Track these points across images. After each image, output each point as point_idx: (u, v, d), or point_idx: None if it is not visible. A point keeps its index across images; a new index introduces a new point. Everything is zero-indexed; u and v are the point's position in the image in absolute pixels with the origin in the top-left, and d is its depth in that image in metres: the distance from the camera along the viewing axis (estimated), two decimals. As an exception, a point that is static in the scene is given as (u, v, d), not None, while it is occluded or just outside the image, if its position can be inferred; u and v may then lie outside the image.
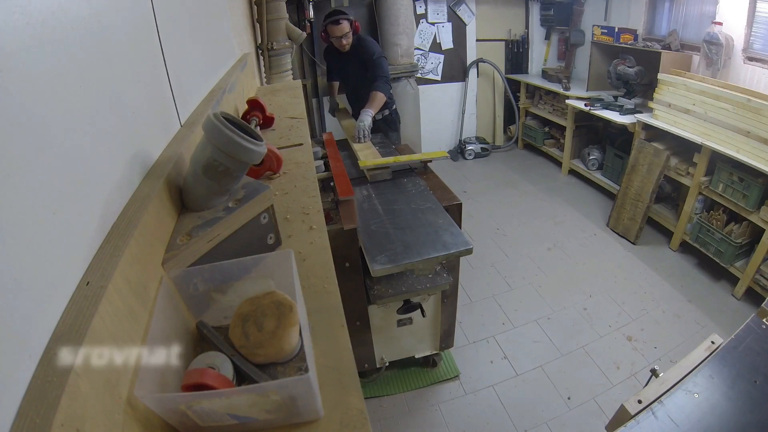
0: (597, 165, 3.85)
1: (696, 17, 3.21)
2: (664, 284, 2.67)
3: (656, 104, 2.99)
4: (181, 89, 0.99)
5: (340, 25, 2.51)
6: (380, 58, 2.64)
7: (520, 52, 4.64)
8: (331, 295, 0.73)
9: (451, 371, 2.13)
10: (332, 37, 2.56)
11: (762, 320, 1.13)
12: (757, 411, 0.92)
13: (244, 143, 0.70)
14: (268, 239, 0.83)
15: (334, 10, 2.59)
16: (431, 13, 4.21)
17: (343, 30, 2.52)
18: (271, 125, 1.45)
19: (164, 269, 0.65)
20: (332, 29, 2.53)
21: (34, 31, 0.47)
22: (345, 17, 2.52)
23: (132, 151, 0.71)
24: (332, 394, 0.56)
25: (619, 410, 1.02)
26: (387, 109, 2.87)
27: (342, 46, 2.60)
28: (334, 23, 2.52)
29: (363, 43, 2.66)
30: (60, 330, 0.44)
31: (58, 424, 0.36)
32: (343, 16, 2.52)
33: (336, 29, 2.52)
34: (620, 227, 3.19)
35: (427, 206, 1.70)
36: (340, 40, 2.55)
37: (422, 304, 1.76)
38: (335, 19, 2.52)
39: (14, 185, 0.42)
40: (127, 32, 0.75)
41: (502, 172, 4.36)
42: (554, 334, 2.33)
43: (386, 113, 2.88)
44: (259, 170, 1.07)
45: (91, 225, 0.55)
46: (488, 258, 2.98)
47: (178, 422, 0.51)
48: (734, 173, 2.45)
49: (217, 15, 1.54)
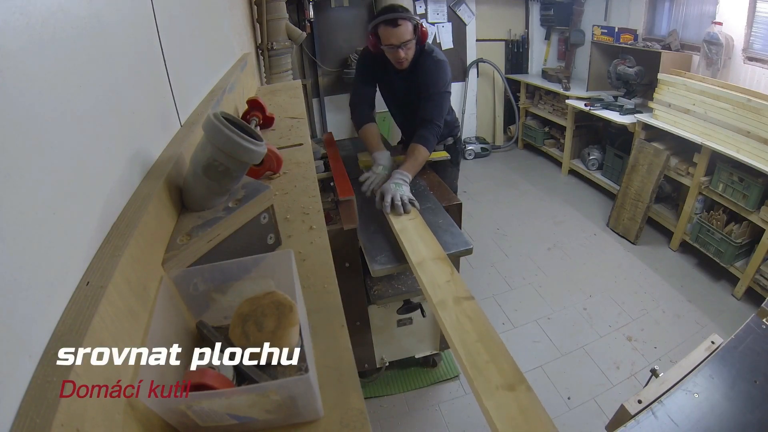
0: (597, 165, 3.85)
1: (696, 17, 3.21)
2: (664, 284, 2.67)
3: (656, 104, 2.99)
4: (181, 89, 0.99)
5: (398, 28, 1.64)
6: (443, 94, 1.77)
7: (520, 52, 4.64)
8: (331, 295, 0.73)
9: (451, 371, 2.13)
10: (385, 45, 1.70)
11: (762, 320, 1.13)
12: (757, 411, 0.92)
13: (244, 143, 0.70)
14: (268, 239, 0.83)
15: (391, 6, 1.71)
16: (431, 13, 4.21)
17: (401, 36, 1.65)
18: (271, 125, 1.45)
19: (164, 269, 0.65)
20: (386, 32, 1.66)
21: (34, 31, 0.47)
22: (407, 16, 1.66)
23: (132, 151, 0.71)
24: (332, 394, 0.56)
25: (619, 410, 1.02)
26: (451, 138, 2.08)
27: (399, 61, 1.73)
28: (390, 24, 1.64)
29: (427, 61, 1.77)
30: (60, 330, 0.44)
31: (58, 424, 0.36)
32: (405, 15, 1.65)
33: (391, 33, 1.65)
34: (620, 227, 3.19)
35: (427, 206, 1.69)
36: (397, 51, 1.68)
37: (422, 304, 1.76)
38: (392, 18, 1.64)
39: (14, 185, 0.42)
40: (127, 32, 0.75)
41: (502, 172, 4.35)
42: (554, 334, 2.33)
43: (449, 142, 2.08)
44: (259, 170, 1.07)
45: (91, 225, 0.55)
46: (488, 258, 2.98)
47: (178, 422, 0.51)
48: (734, 173, 2.45)
49: (217, 15, 1.54)
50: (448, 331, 1.03)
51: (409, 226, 1.47)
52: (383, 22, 1.66)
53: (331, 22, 3.89)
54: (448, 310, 1.10)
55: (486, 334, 1.01)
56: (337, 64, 4.01)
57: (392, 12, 1.66)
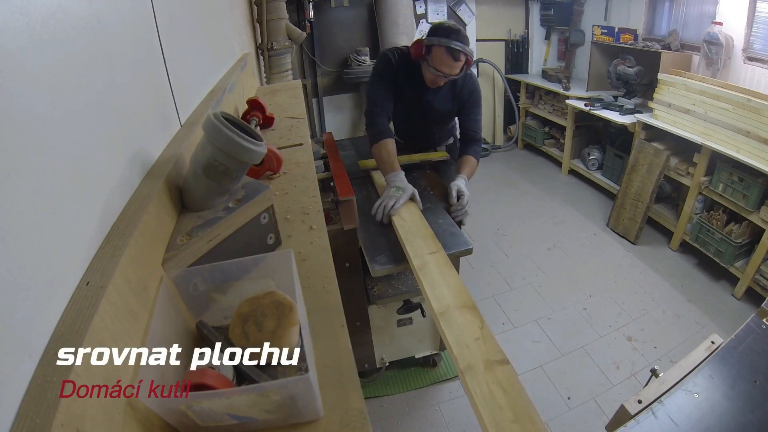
0: (597, 165, 3.85)
1: (696, 17, 3.21)
2: (664, 284, 2.67)
3: (656, 104, 2.99)
4: (181, 89, 0.99)
5: (457, 62, 1.66)
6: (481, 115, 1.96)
7: (520, 52, 4.64)
8: (331, 295, 0.73)
9: (451, 371, 2.13)
10: (433, 67, 1.69)
11: (762, 320, 1.13)
12: (757, 411, 0.92)
13: (244, 143, 0.70)
14: (268, 239, 0.83)
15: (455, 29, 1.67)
16: (431, 13, 4.21)
17: (455, 68, 1.69)
18: (271, 125, 1.45)
19: (164, 269, 0.65)
20: (442, 58, 1.65)
21: (34, 31, 0.47)
22: (468, 52, 1.66)
23: (132, 151, 0.71)
24: (332, 394, 0.56)
25: (619, 410, 1.02)
26: (452, 137, 2.20)
27: (434, 83, 1.79)
28: (450, 54, 1.64)
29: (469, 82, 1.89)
30: (60, 330, 0.44)
31: (58, 424, 0.36)
32: (467, 50, 1.66)
33: (448, 63, 1.66)
34: (620, 227, 3.19)
35: (427, 206, 1.69)
36: (441, 76, 1.71)
37: (422, 304, 1.76)
38: (456, 49, 1.62)
39: (14, 185, 0.42)
40: (127, 32, 0.75)
41: (502, 172, 4.35)
42: (554, 334, 2.33)
43: (450, 142, 2.20)
44: (259, 170, 1.07)
45: (91, 225, 0.55)
46: (488, 258, 2.98)
47: (178, 422, 0.51)
48: (734, 173, 2.45)
49: (217, 15, 1.54)
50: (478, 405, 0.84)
51: (430, 262, 1.27)
52: (445, 47, 1.63)
53: (331, 22, 3.89)
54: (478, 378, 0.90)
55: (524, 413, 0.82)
56: (337, 64, 4.00)
57: (458, 40, 1.63)
